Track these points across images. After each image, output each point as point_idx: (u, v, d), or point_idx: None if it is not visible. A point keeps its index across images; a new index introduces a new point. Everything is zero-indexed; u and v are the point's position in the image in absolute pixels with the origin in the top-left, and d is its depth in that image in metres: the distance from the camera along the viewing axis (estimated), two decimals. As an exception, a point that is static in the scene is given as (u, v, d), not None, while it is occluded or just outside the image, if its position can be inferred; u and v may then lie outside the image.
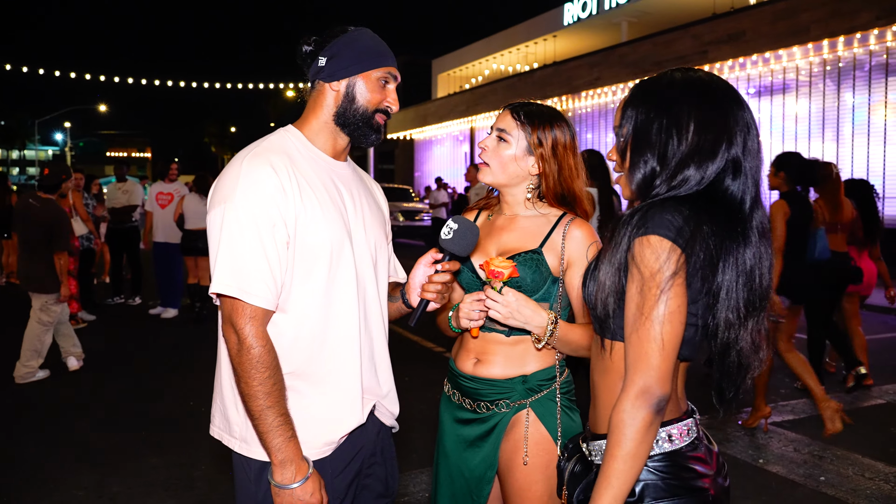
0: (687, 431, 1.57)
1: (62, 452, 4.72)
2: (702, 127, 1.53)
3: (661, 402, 1.43)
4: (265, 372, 1.72)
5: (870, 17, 13.17)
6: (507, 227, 2.29)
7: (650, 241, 1.45)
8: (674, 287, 1.43)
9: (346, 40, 1.92)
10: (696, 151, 1.52)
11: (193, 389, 6.10)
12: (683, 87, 1.57)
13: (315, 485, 1.77)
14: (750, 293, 1.52)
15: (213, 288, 1.72)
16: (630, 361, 1.46)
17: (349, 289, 1.90)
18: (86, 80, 35.33)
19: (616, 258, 1.52)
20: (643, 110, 1.59)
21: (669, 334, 1.43)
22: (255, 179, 1.75)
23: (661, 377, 1.43)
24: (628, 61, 19.18)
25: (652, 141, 1.56)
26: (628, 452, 1.42)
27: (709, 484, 1.55)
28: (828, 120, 15.03)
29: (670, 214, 1.45)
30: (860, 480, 4.29)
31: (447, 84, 34.46)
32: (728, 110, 1.55)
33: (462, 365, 2.28)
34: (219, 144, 67.56)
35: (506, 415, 2.20)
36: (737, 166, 1.53)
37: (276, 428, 1.72)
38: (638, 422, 1.42)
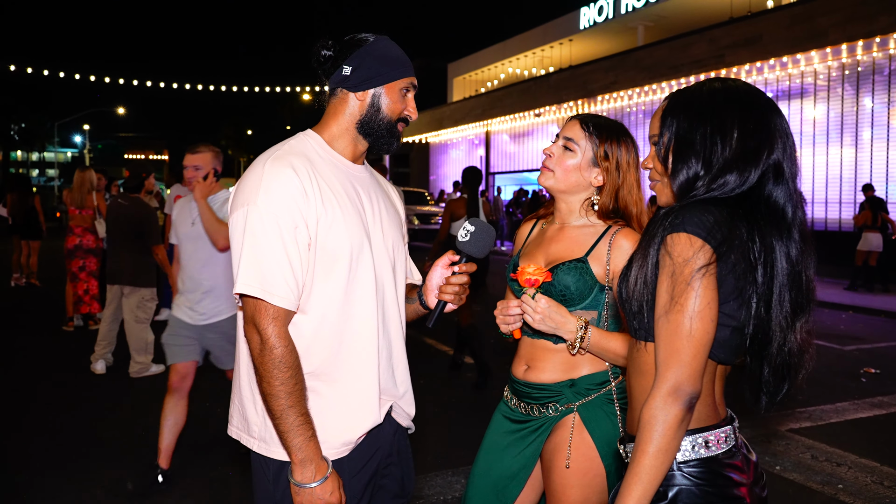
0: (725, 438, 1.57)
1: (80, 452, 4.76)
2: (746, 134, 1.55)
3: (693, 398, 1.44)
4: (287, 372, 1.73)
5: (889, 21, 13.07)
6: (556, 238, 2.35)
7: (681, 238, 1.46)
8: (704, 283, 1.44)
9: (370, 50, 1.95)
10: (740, 157, 1.54)
11: (211, 391, 6.13)
12: (726, 96, 1.60)
13: (334, 484, 1.78)
14: (798, 294, 1.54)
15: (236, 288, 1.75)
16: (661, 358, 1.47)
17: (368, 290, 1.92)
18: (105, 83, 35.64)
19: (649, 254, 1.53)
20: (685, 118, 1.61)
21: (700, 330, 1.43)
22: (277, 182, 1.78)
23: (693, 373, 1.43)
24: (644, 65, 19.12)
25: (696, 148, 1.58)
26: (659, 448, 1.43)
27: (744, 493, 1.54)
28: (846, 124, 14.92)
29: (704, 214, 1.47)
30: (879, 489, 4.25)
31: (463, 88, 34.50)
32: (769, 118, 1.58)
33: (516, 371, 2.37)
34: (235, 147, 67.90)
35: (554, 418, 2.25)
36: (778, 171, 1.56)
37: (296, 427, 1.73)
38: (670, 418, 1.42)
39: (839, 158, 15.02)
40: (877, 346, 8.42)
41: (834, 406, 5.89)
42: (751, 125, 1.56)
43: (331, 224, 1.83)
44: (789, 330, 1.54)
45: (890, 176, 14.10)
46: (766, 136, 1.56)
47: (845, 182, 14.86)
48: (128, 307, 6.63)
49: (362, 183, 2.02)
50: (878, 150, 14.35)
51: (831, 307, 11.18)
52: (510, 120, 26.33)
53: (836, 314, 10.72)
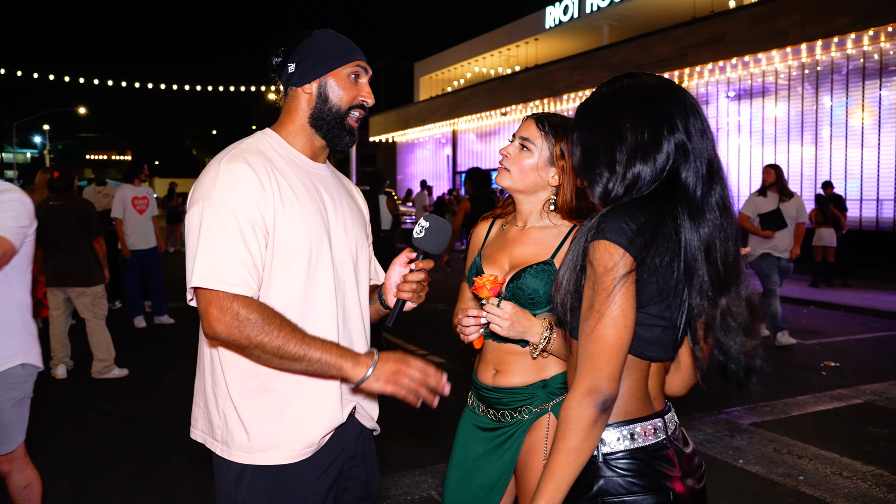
0: (654, 430, 1.60)
1: (42, 458, 4.67)
2: (637, 125, 1.58)
3: (608, 400, 1.48)
4: (275, 320, 1.69)
5: (847, 22, 13.33)
6: (519, 240, 2.33)
7: (601, 245, 1.50)
8: (622, 291, 1.47)
9: (311, 43, 1.95)
10: (638, 148, 1.57)
11: (174, 394, 6.06)
12: (613, 97, 1.65)
13: (393, 365, 1.77)
14: (713, 270, 1.54)
15: (192, 282, 1.71)
16: (579, 360, 1.52)
17: (327, 288, 1.90)
18: (65, 82, 34.98)
19: (574, 259, 1.58)
20: (585, 130, 1.67)
21: (613, 336, 1.48)
22: (233, 177, 1.76)
23: (608, 377, 1.48)
24: (610, 64, 19.27)
25: (599, 155, 1.62)
26: (572, 447, 1.48)
27: (674, 485, 1.57)
28: (806, 123, 15.19)
29: (624, 220, 1.50)
30: (838, 479, 4.34)
31: (429, 87, 34.46)
32: (660, 97, 1.60)
33: (483, 377, 2.33)
34: (200, 147, 67.14)
35: (528, 420, 2.24)
36: (684, 151, 1.57)
37: (324, 350, 1.71)
38: (583, 419, 1.47)
39: (800, 156, 15.28)
40: (836, 340, 8.59)
41: (795, 399, 5.99)
42: (642, 116, 1.59)
43: (288, 220, 1.81)
44: (714, 307, 1.56)
45: (848, 173, 14.38)
46: (661, 122, 1.57)
47: (806, 179, 15.11)
48: (83, 307, 6.51)
49: (324, 181, 2.01)
50: (836, 147, 14.63)
51: (793, 303, 11.38)
52: (476, 119, 26.38)
53: (798, 309, 10.91)
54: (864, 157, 14.15)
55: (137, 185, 8.91)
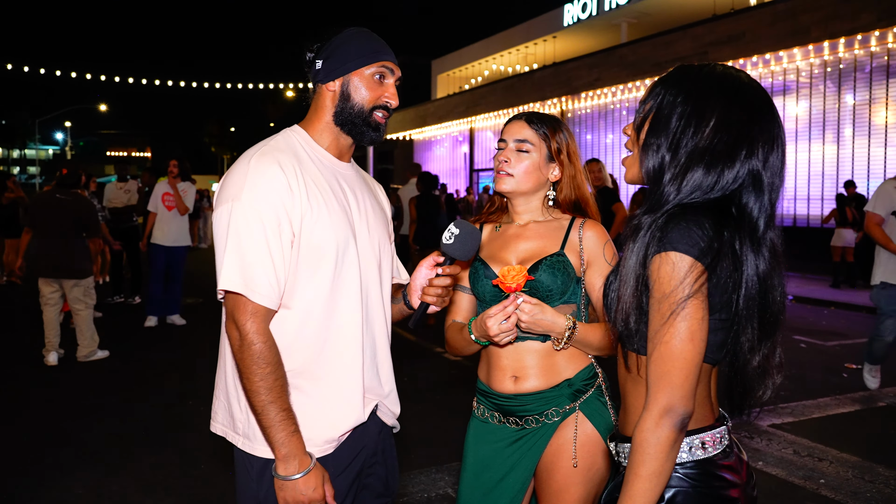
0: (720, 439, 1.55)
1: (60, 451, 4.72)
2: (722, 126, 1.48)
3: (685, 420, 1.41)
4: (266, 368, 1.72)
5: (870, 19, 13.17)
6: (521, 236, 2.31)
7: (670, 258, 1.41)
8: (694, 305, 1.40)
9: (340, 41, 1.94)
10: (709, 150, 1.48)
11: (193, 389, 6.10)
12: (718, 81, 1.52)
13: (318, 479, 1.77)
14: (763, 313, 1.50)
15: (220, 284, 1.74)
16: (652, 379, 1.43)
17: (353, 288, 1.91)
18: (87, 80, 35.35)
19: (634, 272, 1.48)
20: (672, 92, 1.54)
21: (691, 352, 1.40)
22: (262, 177, 1.77)
23: (684, 395, 1.41)
24: (628, 62, 19.17)
25: (670, 125, 1.51)
26: (652, 472, 1.40)
27: (738, 494, 1.53)
28: (828, 121, 15.04)
29: (693, 229, 1.41)
30: (860, 483, 4.28)
31: (447, 84, 34.47)
32: (756, 118, 1.49)
33: (499, 385, 2.25)
34: (218, 145, 67.55)
35: (555, 423, 2.20)
36: (757, 181, 1.48)
37: (278, 423, 1.73)
38: (662, 441, 1.40)
39: (821, 155, 15.14)
40: (858, 342, 8.47)
41: (816, 401, 5.93)
42: (732, 119, 1.48)
43: (316, 221, 1.82)
44: (756, 351, 1.53)
45: (871, 172, 14.22)
46: (746, 137, 1.48)
47: (827, 178, 14.97)
48: (74, 298, 6.89)
49: (348, 180, 2.00)
50: (859, 146, 14.47)
51: (814, 303, 11.27)
52: (494, 117, 26.33)
53: (819, 310, 10.80)
54: (887, 157, 13.98)
55: (172, 181, 8.87)
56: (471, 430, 2.35)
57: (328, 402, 1.87)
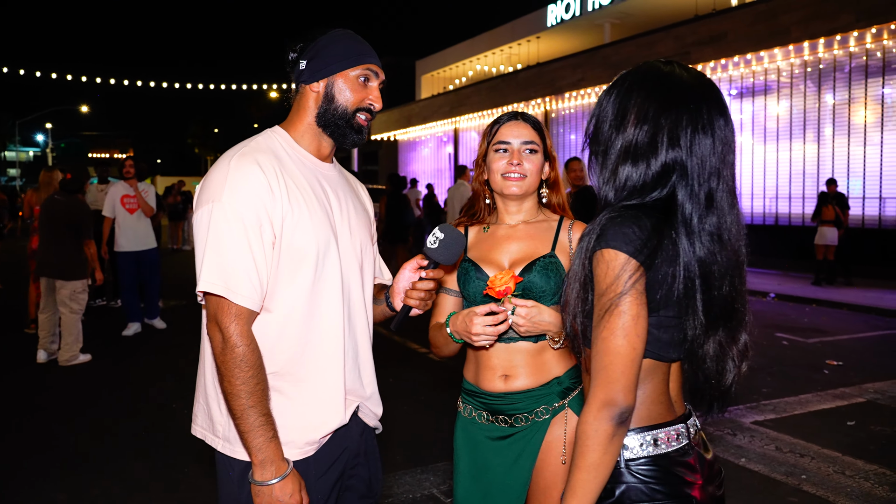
0: (676, 436, 1.55)
1: (44, 455, 4.68)
2: (639, 120, 1.50)
3: (625, 413, 1.42)
4: (248, 371, 1.72)
5: (850, 19, 13.30)
6: (512, 237, 2.30)
7: (606, 254, 1.44)
8: (630, 299, 1.42)
9: (325, 42, 1.94)
10: (633, 146, 1.51)
11: (177, 391, 6.07)
12: (640, 78, 1.55)
13: (294, 486, 1.76)
14: (706, 300, 1.50)
15: (200, 286, 1.73)
16: (593, 374, 1.46)
17: (334, 290, 1.90)
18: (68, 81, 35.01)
19: (579, 272, 1.52)
20: (605, 101, 1.58)
21: (625, 347, 1.42)
22: (242, 178, 1.76)
23: (622, 389, 1.42)
24: (611, 62, 19.24)
25: (602, 133, 1.56)
26: (592, 463, 1.42)
27: (695, 492, 1.53)
28: (809, 121, 15.16)
29: (630, 227, 1.44)
30: (841, 478, 4.33)
31: (431, 85, 34.43)
32: (677, 105, 1.50)
33: (488, 384, 2.23)
34: (202, 145, 67.13)
35: (546, 420, 2.20)
36: (682, 170, 1.50)
37: (257, 428, 1.72)
38: (600, 433, 1.41)
39: (802, 154, 15.25)
40: (839, 339, 8.57)
41: (797, 398, 5.98)
42: (649, 112, 1.50)
43: (297, 222, 1.81)
44: (706, 340, 1.53)
45: (851, 171, 14.35)
46: (665, 127, 1.49)
47: (808, 177, 15.08)
48: (60, 299, 7.00)
49: (330, 181, 2.00)
50: (839, 145, 14.60)
51: (795, 301, 11.37)
52: (478, 117, 26.34)
53: (800, 308, 10.90)
54: (866, 156, 14.12)
55: (133, 182, 8.44)
56: (459, 430, 2.33)
57: (309, 404, 1.87)
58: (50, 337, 7.16)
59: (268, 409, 1.75)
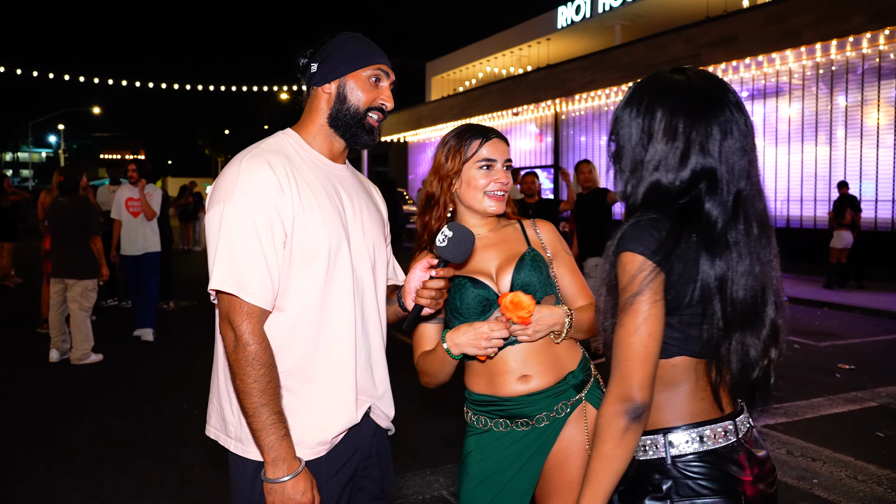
0: (724, 433, 1.58)
1: (55, 454, 4.71)
2: (671, 133, 1.55)
3: (639, 409, 1.47)
4: (261, 369, 1.72)
5: (862, 21, 13.23)
6: (488, 245, 2.29)
7: (624, 257, 1.51)
8: (643, 300, 1.47)
9: (335, 44, 1.96)
10: (663, 159, 1.55)
11: (187, 392, 6.09)
12: (659, 93, 1.59)
13: (306, 483, 1.77)
14: (725, 307, 1.52)
15: (211, 285, 1.74)
16: (611, 370, 1.52)
17: (346, 289, 1.91)
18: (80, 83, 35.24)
19: (605, 277, 1.58)
20: (628, 113, 1.62)
21: (638, 345, 1.47)
22: (253, 178, 1.77)
23: (638, 385, 1.47)
24: (622, 64, 19.22)
25: (628, 148, 1.61)
26: (605, 454, 1.48)
27: (744, 489, 1.54)
28: (821, 123, 15.09)
29: (648, 231, 1.50)
30: (853, 483, 4.30)
31: (441, 87, 34.47)
32: (704, 115, 1.54)
33: (506, 389, 2.20)
34: (212, 147, 67.41)
35: (566, 416, 2.19)
36: (711, 178, 1.54)
37: (269, 426, 1.73)
38: (614, 427, 1.47)
39: (814, 156, 15.18)
40: (851, 342, 8.52)
41: (809, 402, 5.95)
42: (677, 124, 1.54)
43: (308, 222, 1.82)
44: (727, 341, 1.55)
45: (863, 173, 14.28)
46: (696, 138, 1.53)
47: (820, 180, 15.02)
48: (72, 297, 7.12)
49: (342, 182, 2.01)
50: (851, 148, 14.53)
51: (807, 304, 11.30)
52: (488, 119, 26.34)
53: (812, 311, 10.84)
54: (879, 158, 14.04)
55: (140, 184, 8.26)
56: (471, 444, 2.27)
57: (321, 403, 1.87)
58: (60, 336, 7.25)
59: (280, 408, 1.76)
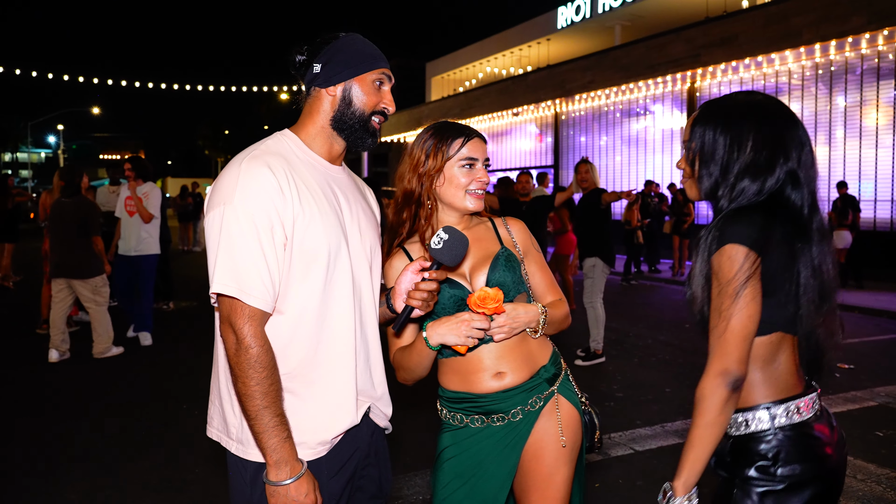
0: (812, 404, 1.80)
1: (55, 454, 4.71)
2: (759, 144, 1.80)
3: (738, 381, 1.69)
4: (262, 372, 1.72)
5: (861, 22, 13.24)
6: None
7: (727, 250, 1.71)
8: (750, 286, 1.69)
9: (339, 46, 1.96)
10: (753, 165, 1.79)
11: (187, 392, 6.09)
12: (745, 109, 1.84)
13: (309, 485, 1.77)
14: (821, 286, 1.78)
15: (213, 288, 1.74)
16: (711, 348, 1.73)
17: (345, 291, 1.91)
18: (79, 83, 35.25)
19: (702, 270, 1.79)
20: (710, 128, 1.86)
21: (739, 325, 1.69)
22: (253, 181, 1.77)
23: (737, 360, 1.69)
24: (621, 64, 19.23)
25: (716, 156, 1.84)
26: (708, 422, 1.70)
27: (830, 452, 1.78)
28: (820, 123, 15.11)
29: (745, 224, 1.72)
30: (852, 482, 4.31)
31: (441, 87, 34.48)
32: (784, 130, 1.81)
33: (481, 386, 2.22)
34: (212, 147, 67.37)
35: (539, 409, 2.23)
36: (794, 178, 1.80)
37: (272, 428, 1.73)
38: (716, 398, 1.69)
39: (813, 157, 15.19)
40: (850, 342, 8.53)
41: (808, 401, 5.95)
42: (765, 137, 1.80)
43: (308, 224, 1.82)
44: (817, 316, 1.80)
45: (863, 174, 14.29)
46: (780, 147, 1.79)
47: (819, 180, 15.01)
48: (84, 297, 7.22)
49: (340, 184, 2.01)
50: (850, 148, 14.54)
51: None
52: (488, 119, 26.37)
53: (811, 311, 10.83)
54: (878, 158, 14.06)
55: (137, 183, 8.03)
56: (447, 440, 2.29)
57: (321, 404, 1.88)
58: (60, 335, 7.25)
59: (282, 410, 1.76)
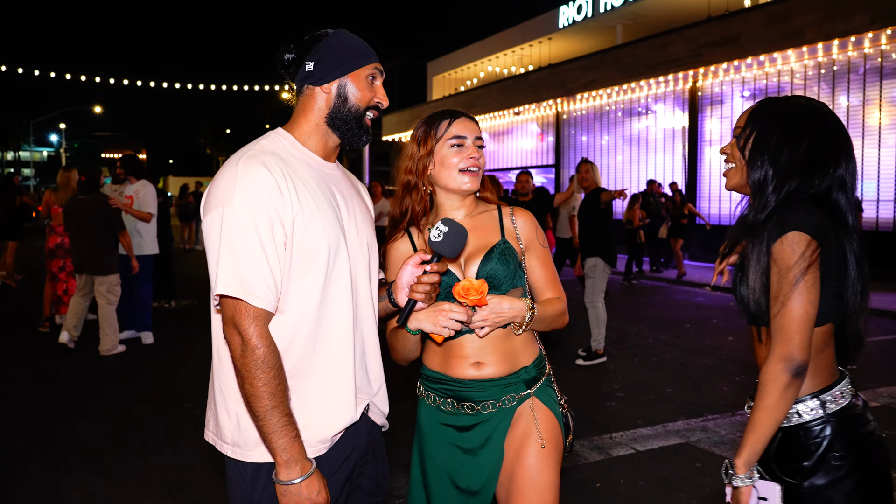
0: (848, 391, 1.90)
1: (55, 454, 4.71)
2: (816, 146, 1.88)
3: (800, 367, 1.75)
4: (270, 372, 1.71)
5: (864, 21, 13.21)
6: None
7: (790, 238, 1.77)
8: (811, 273, 1.75)
9: (330, 43, 1.95)
10: (807, 164, 1.87)
11: (187, 392, 6.09)
12: (804, 111, 1.93)
13: (320, 483, 1.77)
14: (864, 284, 1.88)
15: (217, 290, 1.72)
16: (774, 335, 1.80)
17: (344, 289, 1.91)
18: (81, 82, 35.28)
19: (761, 262, 1.84)
20: (768, 120, 1.94)
21: (803, 311, 1.75)
22: (251, 181, 1.75)
23: (799, 345, 1.75)
24: (623, 64, 19.20)
25: (770, 146, 1.91)
26: (770, 405, 1.77)
27: (872, 429, 1.89)
28: (822, 123, 15.06)
29: (805, 214, 1.79)
30: (854, 482, 4.29)
31: (442, 86, 34.48)
32: (839, 138, 1.91)
33: (458, 372, 2.25)
34: (213, 146, 67.51)
35: (512, 408, 2.22)
36: (843, 183, 1.90)
37: (281, 428, 1.72)
38: (779, 383, 1.76)
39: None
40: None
41: (810, 401, 5.93)
42: (820, 141, 1.88)
43: (307, 222, 1.81)
44: (862, 311, 1.91)
45: (865, 173, 14.26)
46: (834, 153, 1.89)
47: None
48: (100, 293, 7.38)
49: (335, 181, 2.01)
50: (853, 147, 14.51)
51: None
52: (490, 118, 26.36)
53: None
54: (881, 158, 14.03)
55: (132, 181, 8.03)
56: (423, 416, 2.37)
57: (321, 402, 1.88)
58: (75, 321, 7.46)
59: (289, 409, 1.75)
